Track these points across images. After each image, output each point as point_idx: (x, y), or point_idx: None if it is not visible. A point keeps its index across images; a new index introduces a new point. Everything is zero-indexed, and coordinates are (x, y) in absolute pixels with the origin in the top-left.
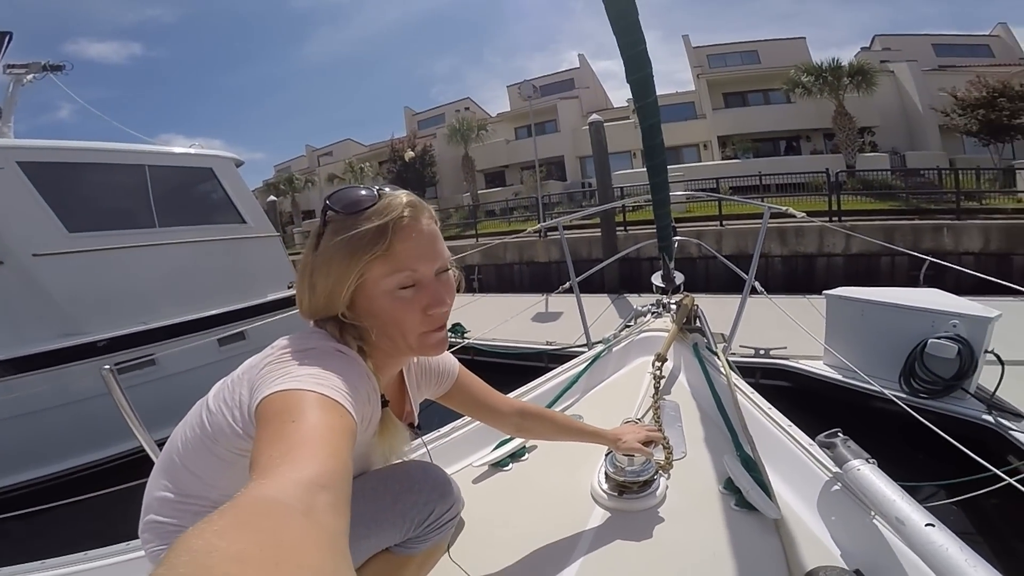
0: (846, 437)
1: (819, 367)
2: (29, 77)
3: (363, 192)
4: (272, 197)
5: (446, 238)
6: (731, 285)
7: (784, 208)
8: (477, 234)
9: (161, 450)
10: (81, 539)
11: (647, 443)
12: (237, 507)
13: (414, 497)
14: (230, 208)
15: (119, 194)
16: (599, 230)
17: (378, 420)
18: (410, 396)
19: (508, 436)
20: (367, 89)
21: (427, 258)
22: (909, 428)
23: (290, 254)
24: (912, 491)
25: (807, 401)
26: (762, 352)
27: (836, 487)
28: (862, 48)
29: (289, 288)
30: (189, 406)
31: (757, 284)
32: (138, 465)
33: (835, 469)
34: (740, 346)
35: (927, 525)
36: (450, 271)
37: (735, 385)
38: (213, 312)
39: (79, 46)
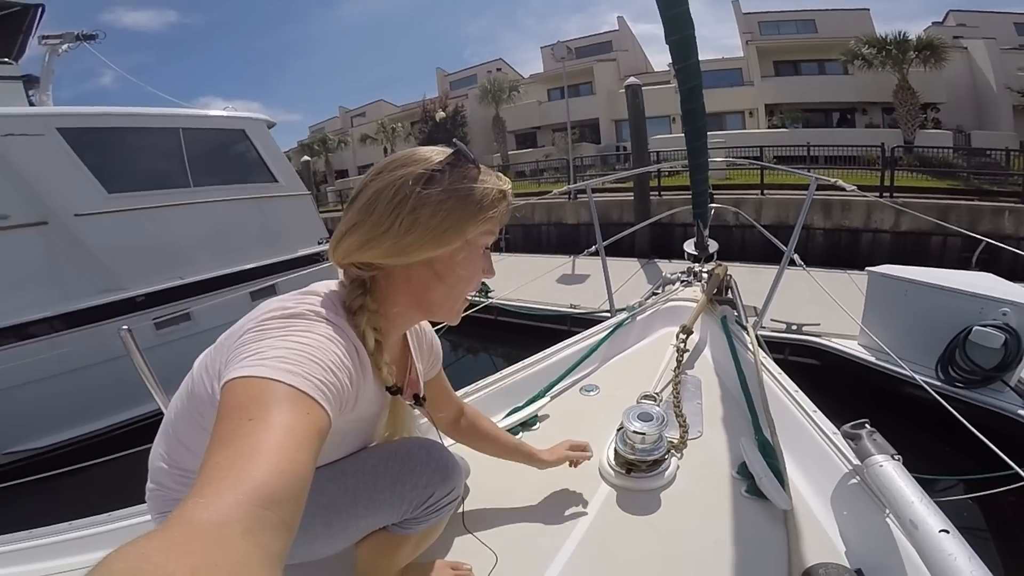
0: (873, 429)
1: (852, 347)
2: (64, 47)
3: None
4: (306, 157)
5: None
6: (767, 256)
7: (833, 180)
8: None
9: None
10: (114, 498)
11: (564, 460)
12: (168, 529)
13: (415, 479)
14: (262, 168)
15: (155, 156)
16: (632, 194)
17: (371, 397)
18: (416, 364)
19: (521, 403)
20: (400, 50)
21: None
22: (939, 417)
23: (322, 211)
24: (933, 483)
25: (836, 382)
26: (794, 327)
27: (854, 481)
28: (933, 23)
29: (320, 244)
30: None
31: (796, 256)
32: None
33: (856, 462)
34: (771, 320)
35: (941, 531)
36: None
37: (762, 364)
38: (245, 267)
39: (115, 15)
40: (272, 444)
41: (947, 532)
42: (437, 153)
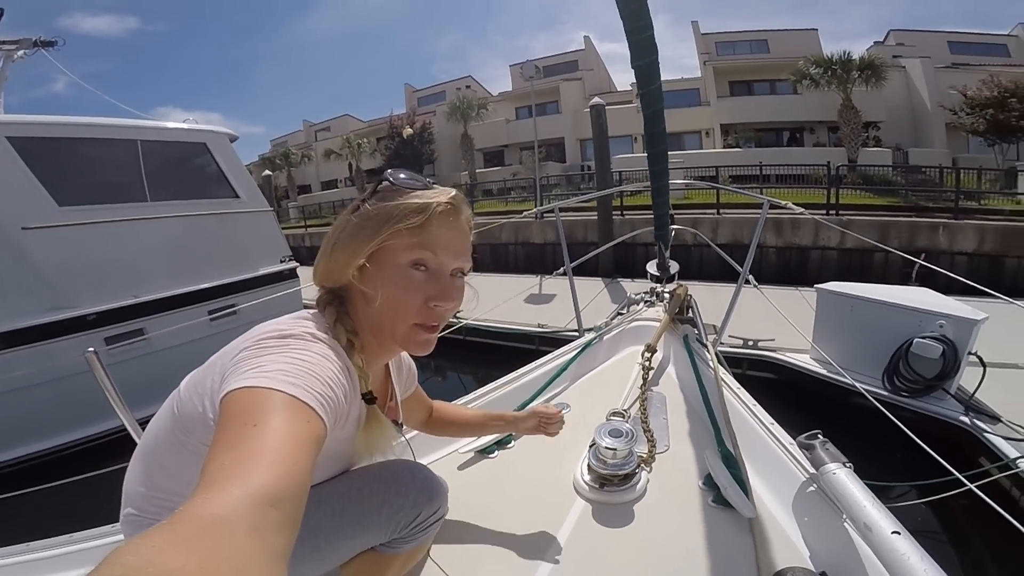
0: (825, 439)
1: (805, 361)
2: (20, 53)
3: (418, 178)
4: (267, 172)
5: None
6: (725, 274)
7: (783, 202)
8: (473, 213)
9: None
10: (65, 521)
11: (549, 420)
12: (177, 523)
13: (401, 500)
14: (223, 183)
15: (110, 168)
16: (595, 213)
17: (359, 416)
18: (395, 391)
19: None
20: (368, 65)
21: (450, 251)
22: (889, 426)
23: (284, 228)
24: (886, 490)
25: (792, 394)
26: (750, 343)
27: (811, 488)
28: (875, 42)
29: (282, 262)
30: (179, 382)
31: (751, 277)
32: (127, 442)
33: (812, 470)
34: (729, 336)
35: (893, 533)
36: (464, 278)
37: (722, 380)
38: (204, 285)
39: (73, 20)
40: (275, 446)
41: (899, 534)
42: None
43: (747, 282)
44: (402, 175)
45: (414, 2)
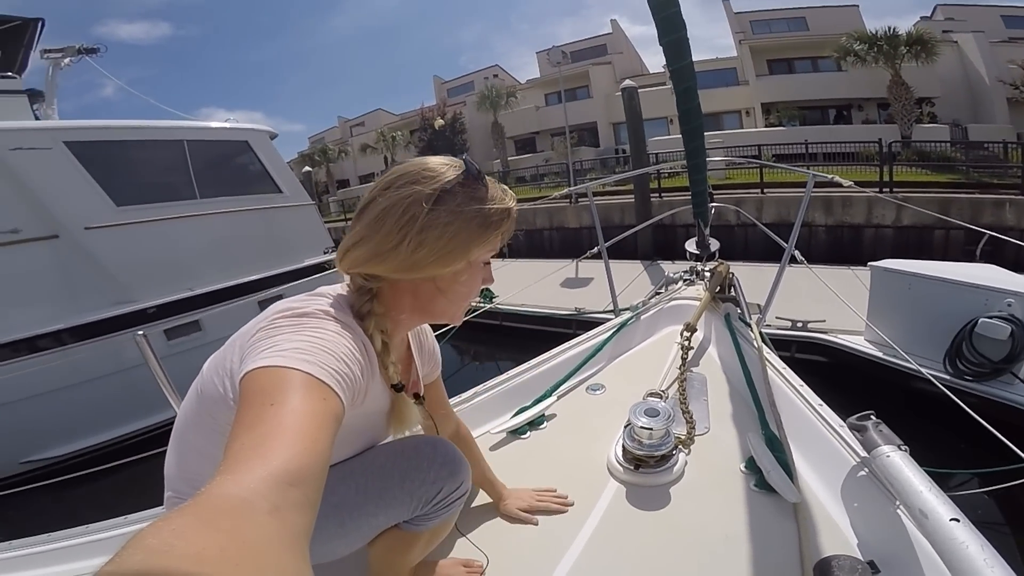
0: (879, 420)
1: (859, 343)
2: (66, 61)
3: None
4: (307, 168)
5: None
6: (770, 254)
7: (830, 176)
8: None
9: None
10: (125, 504)
11: (532, 511)
12: (198, 505)
13: (423, 475)
14: (266, 179)
15: (161, 168)
16: (632, 196)
17: (378, 393)
18: (416, 365)
19: (528, 403)
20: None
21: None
22: (950, 412)
23: (326, 222)
24: (946, 478)
25: (844, 378)
26: (799, 324)
27: (862, 473)
28: (922, 17)
29: (325, 253)
30: None
31: (797, 253)
32: None
33: (863, 454)
34: (776, 317)
35: (952, 520)
36: None
37: (766, 359)
38: (253, 277)
39: (109, 28)
40: (294, 426)
41: (958, 521)
42: (447, 168)
43: (793, 259)
44: (477, 169)
45: None
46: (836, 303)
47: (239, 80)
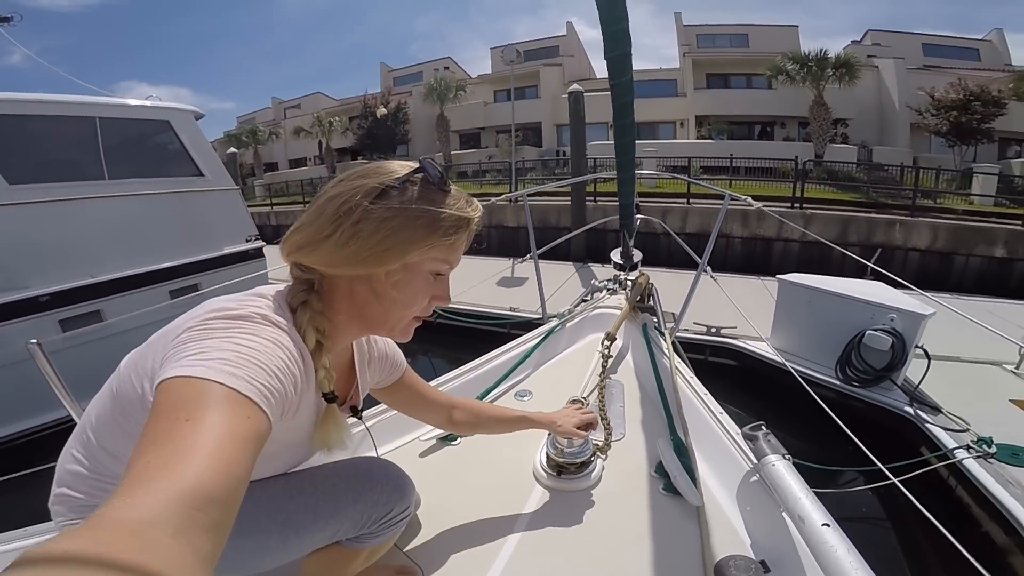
0: (768, 431)
1: (764, 348)
2: None
3: (446, 178)
4: (232, 149)
5: None
6: (691, 262)
7: (742, 196)
8: None
9: None
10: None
11: (583, 426)
12: (95, 528)
13: (375, 496)
14: (187, 160)
15: (66, 146)
16: (569, 199)
17: (310, 401)
18: (359, 376)
19: None
20: (344, 42)
21: (459, 259)
22: (841, 414)
23: (250, 206)
24: (836, 475)
25: (751, 381)
26: (713, 330)
27: (754, 478)
28: (852, 41)
29: (247, 241)
30: None
31: (708, 269)
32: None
33: (755, 461)
34: (693, 323)
35: (823, 525)
36: None
37: (676, 368)
38: (164, 265)
39: None
40: (209, 446)
41: (828, 526)
42: (404, 169)
43: (706, 271)
44: (438, 172)
45: None
46: (747, 311)
47: (170, 54)
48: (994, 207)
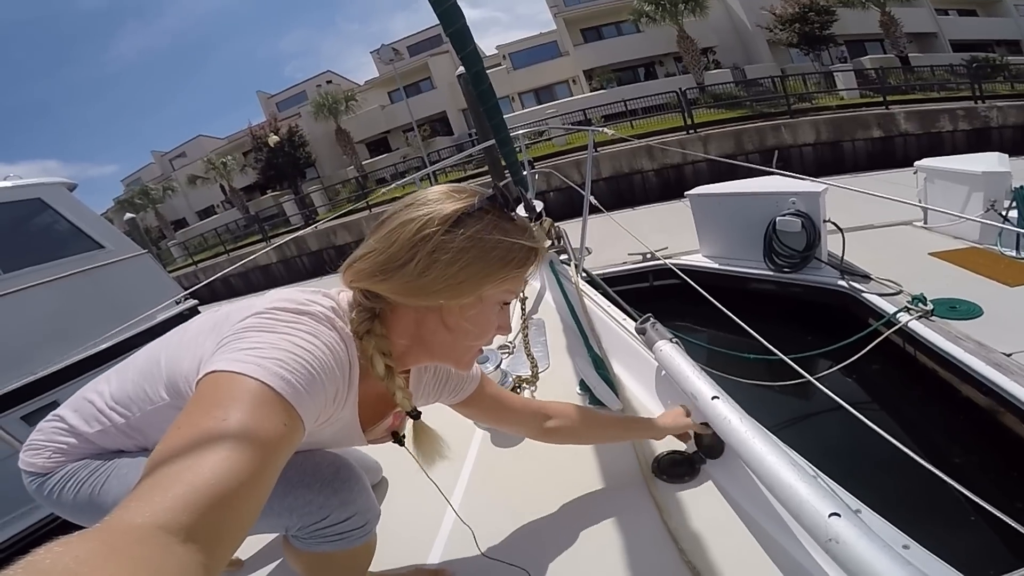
0: (655, 321)
1: (698, 259)
2: None
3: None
4: (129, 215)
5: (339, 216)
6: (614, 203)
7: (608, 130)
8: (369, 204)
9: None
10: None
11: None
12: (107, 531)
13: (308, 496)
14: (79, 236)
15: None
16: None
17: (345, 419)
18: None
19: None
20: (207, 78)
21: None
22: (787, 300)
23: (173, 270)
24: (798, 362)
25: (694, 293)
26: (648, 256)
27: (664, 372)
28: None
29: (179, 303)
30: None
31: (593, 199)
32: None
33: (649, 351)
34: (629, 254)
35: (713, 398)
36: None
37: (582, 291)
38: (104, 347)
39: None
40: (239, 451)
41: (718, 398)
42: (475, 195)
43: (596, 208)
44: (511, 199)
45: (239, 4)
46: (674, 231)
47: (10, 128)
48: (860, 99)
